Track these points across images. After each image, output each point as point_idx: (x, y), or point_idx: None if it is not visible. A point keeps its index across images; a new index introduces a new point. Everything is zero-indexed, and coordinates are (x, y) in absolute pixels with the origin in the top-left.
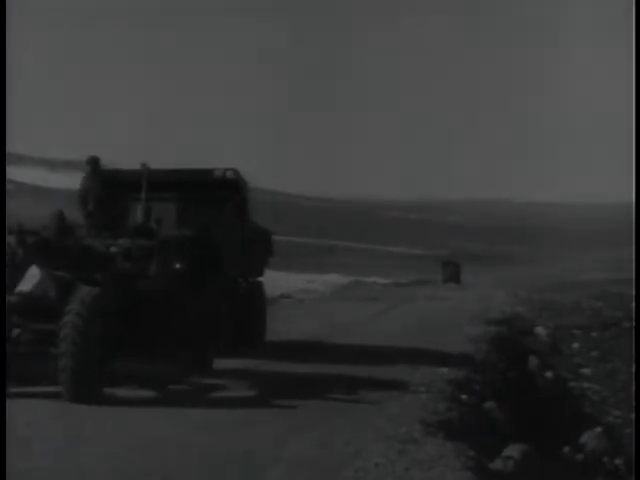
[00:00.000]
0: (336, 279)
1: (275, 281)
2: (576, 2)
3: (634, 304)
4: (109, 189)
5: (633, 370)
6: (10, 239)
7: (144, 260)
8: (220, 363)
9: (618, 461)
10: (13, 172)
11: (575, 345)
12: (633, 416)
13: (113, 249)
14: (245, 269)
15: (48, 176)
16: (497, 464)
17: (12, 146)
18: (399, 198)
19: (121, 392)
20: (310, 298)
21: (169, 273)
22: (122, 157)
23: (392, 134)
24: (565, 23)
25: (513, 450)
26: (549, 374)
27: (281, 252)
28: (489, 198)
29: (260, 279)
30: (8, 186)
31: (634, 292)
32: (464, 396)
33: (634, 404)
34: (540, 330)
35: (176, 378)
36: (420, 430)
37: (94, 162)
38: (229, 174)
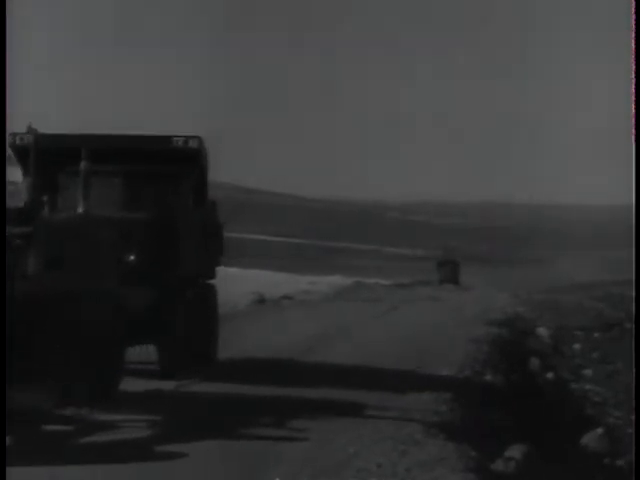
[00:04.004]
0: (338, 280)
1: (277, 282)
2: (576, 2)
3: (634, 305)
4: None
5: (634, 371)
6: None
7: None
8: (144, 385)
9: (619, 462)
10: (14, 172)
11: (576, 346)
12: (634, 417)
13: None
14: (200, 268)
15: None
16: (498, 465)
17: None
18: (400, 199)
19: None
20: (311, 299)
21: (63, 268)
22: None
23: (392, 135)
24: (565, 23)
25: (514, 451)
26: (550, 375)
27: (284, 254)
28: (489, 199)
29: (212, 282)
30: (8, 187)
31: (634, 293)
32: (466, 397)
33: (634, 405)
34: (542, 331)
35: (56, 411)
36: (422, 431)
37: None
38: (192, 143)
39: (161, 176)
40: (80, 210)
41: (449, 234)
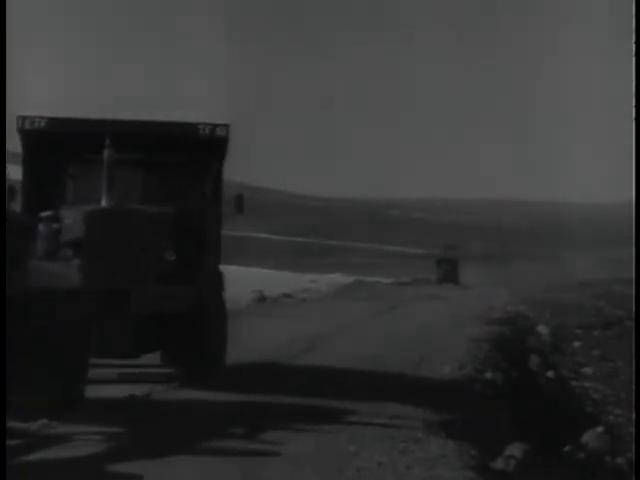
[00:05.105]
0: (339, 279)
1: (278, 280)
2: (576, 3)
3: (634, 303)
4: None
5: (634, 369)
6: None
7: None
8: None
9: (620, 460)
10: (13, 172)
11: (577, 344)
12: (634, 415)
13: None
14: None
15: None
16: (499, 463)
17: (13, 145)
18: (400, 197)
19: None
20: (312, 297)
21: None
22: None
23: (392, 134)
24: (565, 23)
25: (515, 449)
26: (550, 373)
27: (284, 252)
28: (489, 198)
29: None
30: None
31: (634, 291)
32: (466, 395)
33: (634, 403)
34: (542, 329)
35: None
36: (422, 429)
37: None
38: (220, 131)
39: (185, 166)
40: (104, 203)
41: (450, 232)
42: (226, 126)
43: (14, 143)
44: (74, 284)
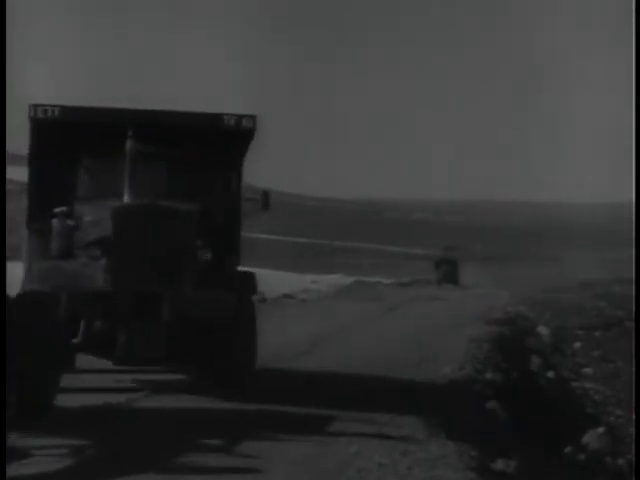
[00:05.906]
0: (340, 279)
1: (278, 281)
2: (577, 4)
3: (634, 304)
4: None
5: (634, 370)
6: None
7: None
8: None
9: (620, 461)
10: (13, 172)
11: (577, 345)
12: (634, 416)
13: None
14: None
15: None
16: (499, 464)
17: (13, 146)
18: (400, 198)
19: None
20: (312, 298)
21: None
22: None
23: (393, 134)
24: (565, 24)
25: (515, 450)
26: (551, 374)
27: (284, 252)
28: (489, 198)
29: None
30: (8, 186)
31: (634, 292)
32: (466, 396)
33: (635, 403)
34: (542, 329)
35: None
36: (423, 430)
37: None
38: (246, 123)
39: (209, 160)
40: (127, 198)
41: (450, 232)
42: (252, 117)
43: (14, 144)
44: (100, 285)
